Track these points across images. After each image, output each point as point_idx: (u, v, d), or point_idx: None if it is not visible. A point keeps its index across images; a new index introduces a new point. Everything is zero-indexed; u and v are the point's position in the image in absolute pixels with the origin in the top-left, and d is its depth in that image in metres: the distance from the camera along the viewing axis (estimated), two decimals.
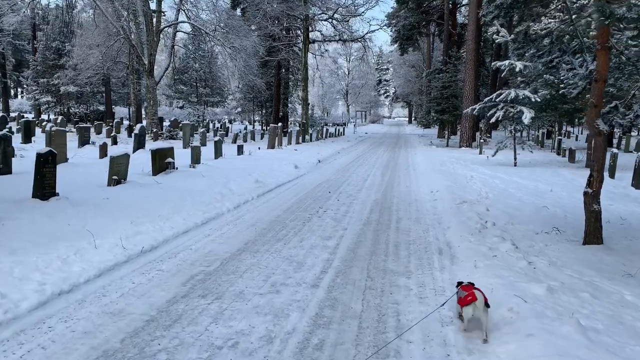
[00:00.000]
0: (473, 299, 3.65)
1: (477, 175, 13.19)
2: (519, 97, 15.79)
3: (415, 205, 9.29)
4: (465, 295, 3.75)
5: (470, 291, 3.74)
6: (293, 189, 10.99)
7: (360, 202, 9.52)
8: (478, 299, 3.66)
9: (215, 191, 9.68)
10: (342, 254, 5.81)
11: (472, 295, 3.68)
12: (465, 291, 3.82)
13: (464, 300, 3.73)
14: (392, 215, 8.25)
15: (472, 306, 3.65)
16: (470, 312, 3.67)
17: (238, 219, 7.75)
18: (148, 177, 10.96)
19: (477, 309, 3.64)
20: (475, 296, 3.67)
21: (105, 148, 16.00)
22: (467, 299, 3.68)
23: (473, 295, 3.68)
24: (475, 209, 8.44)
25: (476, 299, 3.66)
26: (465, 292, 3.79)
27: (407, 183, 12.35)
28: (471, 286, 3.90)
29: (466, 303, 3.70)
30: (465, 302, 3.70)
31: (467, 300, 3.68)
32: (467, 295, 3.73)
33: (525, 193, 10.47)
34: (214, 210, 7.95)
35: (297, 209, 8.64)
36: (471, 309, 3.65)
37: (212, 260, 5.50)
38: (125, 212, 7.38)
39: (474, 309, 3.65)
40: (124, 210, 7.50)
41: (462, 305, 3.80)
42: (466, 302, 3.70)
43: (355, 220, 7.81)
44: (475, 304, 3.64)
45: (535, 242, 6.25)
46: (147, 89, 27.11)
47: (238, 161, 15.51)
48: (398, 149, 25.60)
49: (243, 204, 8.97)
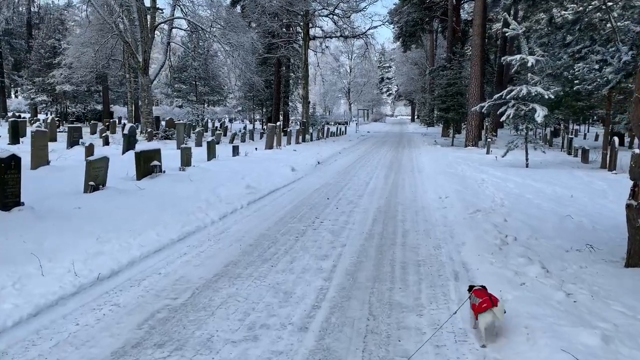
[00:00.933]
0: (489, 306, 3.35)
1: (488, 178, 12.20)
2: (531, 93, 14.82)
3: (422, 214, 8.33)
4: (480, 301, 3.42)
5: (485, 297, 3.44)
6: (288, 195, 10.05)
7: (361, 210, 8.56)
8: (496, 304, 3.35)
9: (201, 198, 8.75)
10: (339, 280, 4.86)
11: (488, 302, 3.37)
12: (479, 297, 3.49)
13: (480, 307, 3.40)
14: (397, 227, 7.29)
15: (490, 313, 3.33)
16: (488, 319, 3.34)
17: (223, 232, 6.81)
18: (131, 182, 10.04)
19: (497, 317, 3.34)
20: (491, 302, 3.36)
21: (92, 149, 15.08)
22: (483, 306, 3.38)
23: (488, 302, 3.37)
24: (491, 219, 7.47)
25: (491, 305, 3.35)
26: (480, 299, 3.46)
27: (412, 187, 11.38)
28: (485, 290, 3.61)
29: (482, 310, 3.37)
30: (481, 309, 3.38)
31: (483, 307, 3.37)
32: (482, 301, 3.41)
33: (543, 199, 9.49)
34: (195, 222, 7.01)
35: (290, 219, 7.70)
36: (490, 316, 3.33)
37: (181, 289, 4.56)
38: (94, 226, 6.46)
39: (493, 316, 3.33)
40: (94, 224, 6.58)
41: (477, 312, 3.44)
42: (482, 309, 3.37)
43: (355, 233, 6.86)
44: (494, 311, 3.33)
45: (568, 264, 5.28)
46: (142, 87, 26.22)
47: (232, 163, 14.57)
48: (401, 149, 24.63)
49: (231, 213, 8.02)
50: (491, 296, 3.48)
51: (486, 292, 3.58)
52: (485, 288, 3.71)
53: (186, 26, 28.46)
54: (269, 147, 21.47)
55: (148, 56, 25.72)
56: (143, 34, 24.94)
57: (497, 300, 3.45)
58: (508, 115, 15.02)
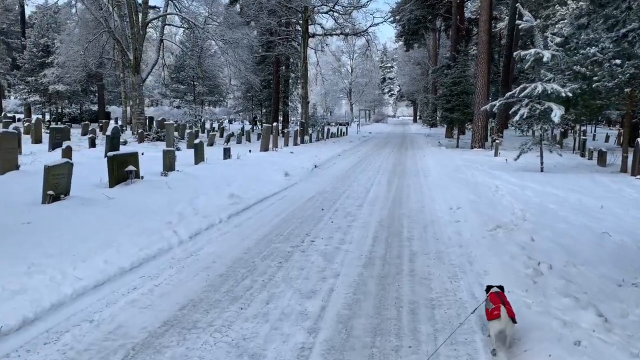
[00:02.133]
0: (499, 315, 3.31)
1: (502, 184, 10.94)
2: (547, 91, 13.53)
3: (432, 230, 7.10)
4: (492, 308, 3.41)
5: (498, 304, 3.39)
6: (278, 205, 8.83)
7: (360, 224, 7.33)
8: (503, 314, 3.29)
9: (174, 211, 7.54)
10: (328, 333, 3.63)
11: (499, 310, 3.33)
12: (493, 303, 3.47)
13: (491, 315, 3.41)
14: (403, 249, 6.06)
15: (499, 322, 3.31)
16: (498, 328, 3.32)
17: (190, 256, 5.59)
18: (100, 191, 8.84)
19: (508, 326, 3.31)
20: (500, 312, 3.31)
21: (69, 152, 13.92)
22: (494, 313, 3.36)
23: (499, 310, 3.33)
24: (515, 237, 6.24)
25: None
26: (493, 305, 3.43)
27: (418, 195, 10.15)
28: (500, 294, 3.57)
29: (493, 317, 3.36)
30: (492, 317, 3.38)
31: (494, 314, 3.37)
32: (493, 309, 3.40)
33: (569, 210, 8.25)
34: (158, 244, 5.78)
35: (276, 237, 6.48)
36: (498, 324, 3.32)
37: (112, 349, 3.34)
38: (33, 248, 5.27)
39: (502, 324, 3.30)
40: (35, 245, 5.39)
41: (489, 319, 3.43)
42: (493, 317, 3.37)
43: (352, 257, 5.63)
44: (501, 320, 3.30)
45: (627, 305, 4.05)
46: (133, 86, 25.06)
47: (221, 167, 13.36)
48: (405, 151, 23.38)
49: (206, 229, 6.80)
50: (505, 303, 3.42)
51: (501, 297, 3.52)
52: (502, 289, 3.70)
53: (180, 23, 27.34)
54: (265, 149, 20.26)
55: (139, 54, 24.57)
56: (134, 31, 23.77)
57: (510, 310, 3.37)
58: (521, 115, 13.74)
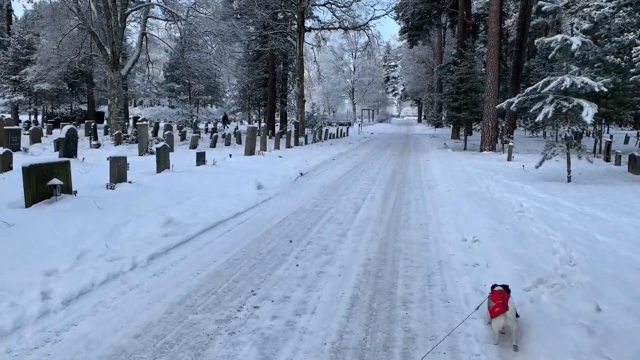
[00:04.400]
0: (501, 310, 3.39)
1: (527, 202, 8.63)
2: (576, 85, 11.24)
3: (439, 280, 4.86)
4: (494, 306, 3.45)
5: (498, 301, 3.44)
6: (232, 235, 6.61)
7: (336, 271, 5.11)
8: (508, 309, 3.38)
9: (76, 248, 5.35)
10: None
11: (500, 307, 3.39)
12: (493, 300, 3.51)
13: (492, 312, 3.46)
14: (393, 324, 3.82)
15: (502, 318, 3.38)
16: (500, 324, 3.40)
17: (35, 348, 3.39)
18: (7, 212, 6.68)
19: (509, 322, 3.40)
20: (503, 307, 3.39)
21: (8, 158, 11.79)
22: (495, 310, 3.41)
23: (500, 307, 3.39)
24: (570, 306, 3.99)
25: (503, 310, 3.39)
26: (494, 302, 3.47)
27: (421, 218, 7.90)
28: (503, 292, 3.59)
29: (495, 314, 3.41)
30: (494, 314, 3.42)
31: (495, 311, 3.41)
32: (494, 306, 3.44)
33: (631, 244, 5.97)
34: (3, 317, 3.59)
35: (201, 300, 4.26)
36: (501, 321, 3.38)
37: None
38: None
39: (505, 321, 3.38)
40: None
41: (491, 316, 3.47)
42: (494, 314, 3.41)
43: (308, 348, 3.41)
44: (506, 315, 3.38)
45: None
46: (111, 83, 22.96)
47: (187, 176, 11.17)
48: (407, 154, 21.12)
49: (100, 285, 4.56)
50: (504, 300, 3.43)
51: (502, 294, 3.54)
52: (506, 287, 3.71)
53: (163, 15, 25.19)
54: (250, 152, 18.06)
55: (118, 48, 22.47)
56: (110, 22, 21.66)
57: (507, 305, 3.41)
58: (545, 115, 11.42)
